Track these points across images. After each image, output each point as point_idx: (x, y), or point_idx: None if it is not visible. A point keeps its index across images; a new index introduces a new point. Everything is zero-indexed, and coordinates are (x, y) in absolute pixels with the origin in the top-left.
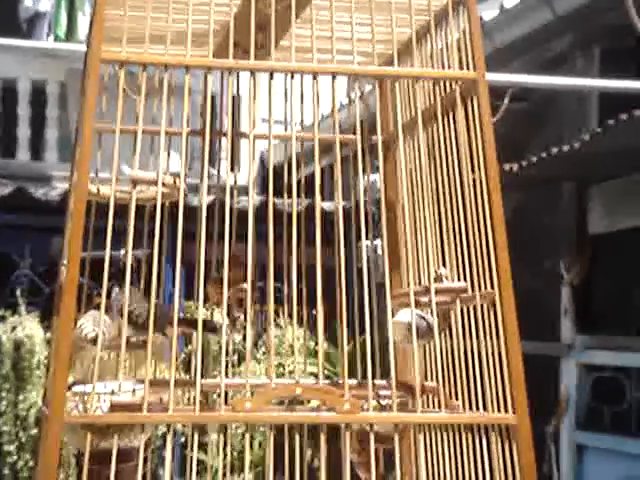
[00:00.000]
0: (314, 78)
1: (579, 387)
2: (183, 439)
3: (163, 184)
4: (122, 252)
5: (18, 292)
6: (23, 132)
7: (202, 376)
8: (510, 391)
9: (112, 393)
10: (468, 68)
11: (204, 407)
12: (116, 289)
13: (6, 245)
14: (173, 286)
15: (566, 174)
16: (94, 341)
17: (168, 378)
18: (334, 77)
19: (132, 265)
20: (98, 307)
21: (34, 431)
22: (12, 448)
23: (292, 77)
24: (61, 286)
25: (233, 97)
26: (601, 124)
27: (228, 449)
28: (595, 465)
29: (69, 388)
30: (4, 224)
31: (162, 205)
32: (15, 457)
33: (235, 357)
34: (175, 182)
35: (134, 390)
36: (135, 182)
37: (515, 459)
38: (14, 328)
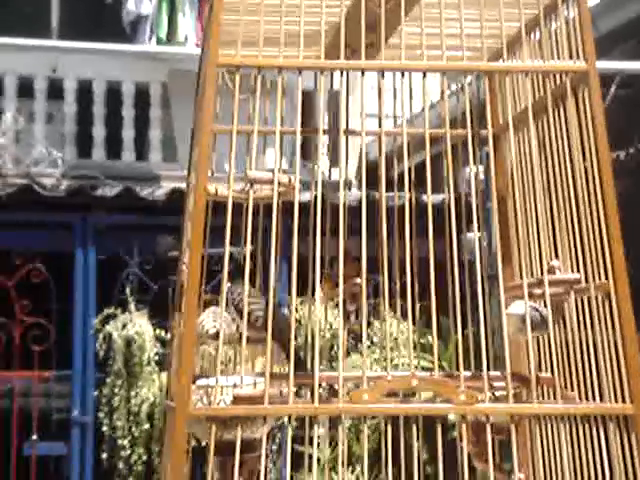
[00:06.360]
0: (424, 76)
1: None
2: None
3: (279, 183)
4: (238, 250)
5: (127, 290)
6: (128, 133)
7: (312, 370)
8: (627, 381)
9: (234, 386)
10: (578, 59)
11: (321, 399)
12: (229, 285)
13: (115, 245)
14: (288, 282)
15: None
16: (215, 337)
17: (286, 372)
18: (444, 74)
19: (250, 263)
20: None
21: (146, 426)
22: (126, 442)
23: (402, 75)
24: (182, 285)
25: (343, 96)
26: None
27: (339, 442)
28: None
29: (193, 382)
30: (113, 225)
31: (277, 204)
32: (129, 451)
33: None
34: (290, 181)
35: (255, 383)
36: (253, 182)
37: (634, 450)
38: (124, 325)
